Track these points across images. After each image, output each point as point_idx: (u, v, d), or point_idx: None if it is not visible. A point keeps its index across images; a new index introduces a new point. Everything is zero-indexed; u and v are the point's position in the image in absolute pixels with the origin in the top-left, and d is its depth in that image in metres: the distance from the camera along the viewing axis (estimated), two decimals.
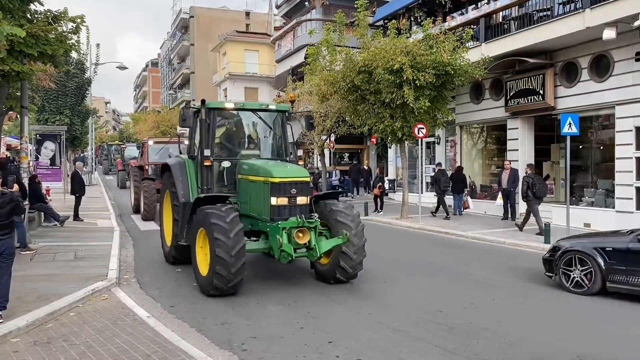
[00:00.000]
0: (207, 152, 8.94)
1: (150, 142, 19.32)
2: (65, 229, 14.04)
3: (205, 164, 8.92)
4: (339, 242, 8.24)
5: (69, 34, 11.05)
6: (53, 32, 10.50)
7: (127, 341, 5.93)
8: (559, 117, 13.53)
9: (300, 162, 11.04)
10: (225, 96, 48.51)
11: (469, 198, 18.72)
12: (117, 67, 32.79)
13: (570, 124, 13.06)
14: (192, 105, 8.64)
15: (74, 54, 20.96)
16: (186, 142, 18.56)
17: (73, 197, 16.14)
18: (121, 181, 31.63)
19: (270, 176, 8.28)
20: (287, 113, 10.03)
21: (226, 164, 9.31)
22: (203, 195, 8.66)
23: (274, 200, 8.19)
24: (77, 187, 16.11)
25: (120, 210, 20.00)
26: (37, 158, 19.31)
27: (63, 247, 11.36)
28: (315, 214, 8.44)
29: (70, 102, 25.64)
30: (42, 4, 11.02)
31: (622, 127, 14.14)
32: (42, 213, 14.57)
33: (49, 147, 19.48)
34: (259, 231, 8.77)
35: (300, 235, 8.00)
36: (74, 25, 11.04)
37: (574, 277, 8.29)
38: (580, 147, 17.05)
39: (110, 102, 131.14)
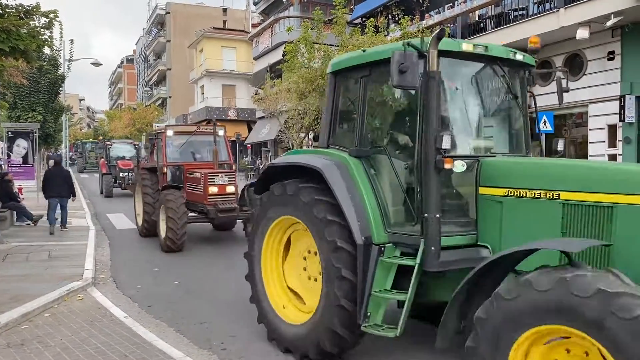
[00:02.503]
0: (446, 142, 4.34)
1: (170, 133, 13.05)
2: (39, 228, 13.75)
3: (445, 165, 4.35)
4: None
5: (42, 29, 10.82)
6: (25, 27, 10.26)
7: (103, 342, 5.83)
8: (534, 115, 13.76)
9: None
10: (203, 93, 48.14)
11: None
12: (91, 64, 32.23)
13: (545, 122, 13.30)
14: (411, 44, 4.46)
15: (46, 50, 20.53)
16: (220, 132, 12.91)
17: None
18: (106, 188, 24.74)
19: None
20: (529, 72, 5.63)
21: (460, 166, 4.71)
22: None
23: None
24: None
25: (95, 209, 19.69)
26: (9, 156, 18.89)
27: (37, 246, 11.13)
28: None
29: (43, 99, 25.08)
30: None
31: (595, 125, 14.46)
32: (15, 212, 14.27)
33: (22, 145, 19.01)
34: None
35: None
36: (47, 20, 10.80)
37: None
38: (555, 144, 17.39)
39: (84, 99, 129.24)
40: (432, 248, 4.36)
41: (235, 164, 14.56)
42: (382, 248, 4.87)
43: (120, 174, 24.49)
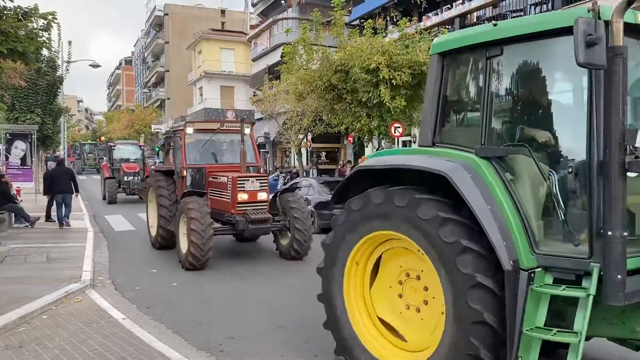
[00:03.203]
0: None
1: (190, 130, 11.13)
2: (37, 230, 13.75)
3: None
4: None
5: (40, 31, 10.82)
6: (23, 29, 10.27)
7: (102, 343, 5.83)
8: None
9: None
10: (201, 95, 48.21)
11: None
12: (89, 65, 32.24)
13: None
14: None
15: (45, 52, 20.57)
16: (247, 130, 11.21)
17: (43, 197, 15.80)
18: (109, 193, 22.34)
19: None
20: None
21: None
22: None
23: None
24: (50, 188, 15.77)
25: (94, 210, 19.68)
26: (7, 158, 18.88)
27: (35, 248, 11.12)
28: None
29: (42, 101, 25.08)
30: (11, 0, 10.78)
31: None
32: (13, 214, 14.26)
33: (20, 147, 19.00)
34: None
35: None
36: (45, 22, 10.82)
37: None
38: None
39: (82, 101, 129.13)
40: (618, 276, 3.43)
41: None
42: (532, 274, 3.84)
43: (125, 178, 22.52)
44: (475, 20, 18.28)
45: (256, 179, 10.35)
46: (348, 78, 16.02)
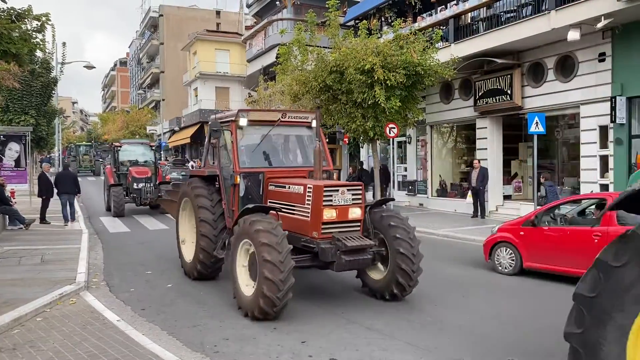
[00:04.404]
0: None
1: (243, 122, 8.39)
2: (31, 232, 13.72)
3: None
4: None
5: (34, 33, 10.82)
6: (17, 31, 10.26)
7: (96, 345, 5.82)
8: (527, 117, 13.85)
9: None
10: (196, 96, 48.27)
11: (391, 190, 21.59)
12: (84, 67, 32.09)
13: (537, 123, 13.37)
14: None
15: (39, 53, 20.49)
16: (313, 123, 8.75)
17: (39, 199, 15.76)
18: (116, 204, 18.14)
19: None
20: None
21: None
22: None
23: None
24: (44, 189, 15.74)
25: (88, 212, 19.61)
26: (0, 160, 18.81)
27: (29, 250, 11.08)
28: None
29: (36, 102, 25.02)
30: (4, 2, 10.76)
31: (586, 126, 14.53)
32: (7, 216, 14.21)
33: (14, 149, 18.94)
34: None
35: None
36: (39, 23, 10.83)
37: None
38: (547, 145, 17.48)
39: (77, 102, 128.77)
40: None
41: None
42: None
43: (135, 185, 18.54)
44: (469, 21, 18.32)
45: (347, 189, 7.35)
46: (343, 79, 16.04)
